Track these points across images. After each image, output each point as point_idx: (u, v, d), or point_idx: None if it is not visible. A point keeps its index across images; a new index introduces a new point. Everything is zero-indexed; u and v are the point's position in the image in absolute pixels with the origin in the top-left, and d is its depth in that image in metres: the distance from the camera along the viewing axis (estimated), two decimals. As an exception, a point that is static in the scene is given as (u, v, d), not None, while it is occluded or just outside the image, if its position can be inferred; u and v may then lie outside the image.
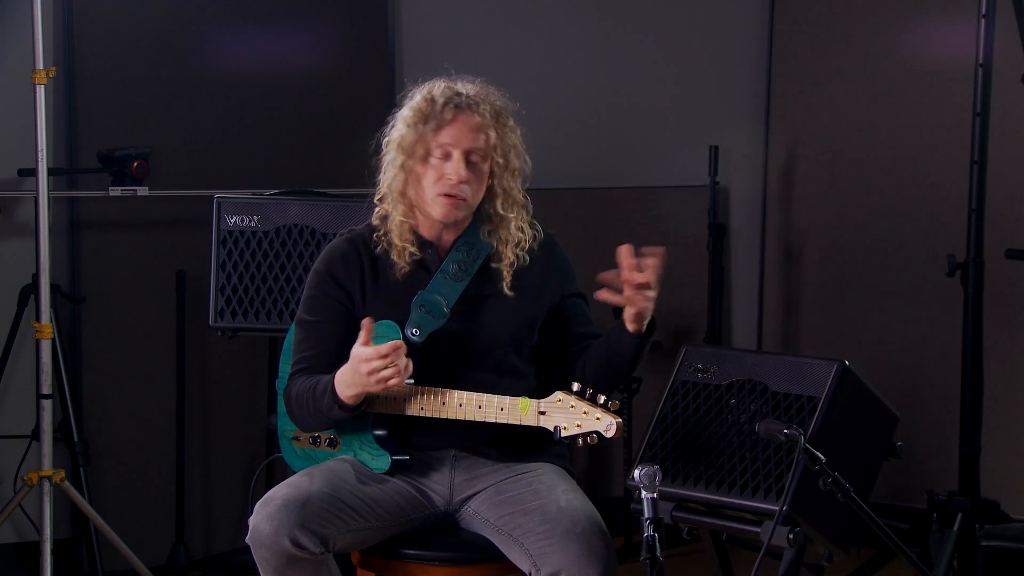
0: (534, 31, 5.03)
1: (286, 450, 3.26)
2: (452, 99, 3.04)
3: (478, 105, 3.04)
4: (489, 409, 2.96)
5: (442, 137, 3.03)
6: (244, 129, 4.67)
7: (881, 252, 4.90)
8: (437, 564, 3.05)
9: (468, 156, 3.03)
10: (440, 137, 3.03)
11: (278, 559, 2.89)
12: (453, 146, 3.03)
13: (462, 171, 3.02)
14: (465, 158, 3.03)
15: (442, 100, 3.04)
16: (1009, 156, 4.43)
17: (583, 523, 2.90)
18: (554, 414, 2.89)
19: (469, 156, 3.03)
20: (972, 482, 3.90)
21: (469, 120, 3.03)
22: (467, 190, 3.04)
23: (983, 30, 3.83)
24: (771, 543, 2.86)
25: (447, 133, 3.03)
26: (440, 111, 3.03)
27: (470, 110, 3.03)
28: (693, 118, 5.10)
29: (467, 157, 3.03)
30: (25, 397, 4.43)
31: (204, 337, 4.61)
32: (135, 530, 4.46)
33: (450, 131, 3.03)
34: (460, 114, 3.03)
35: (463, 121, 3.03)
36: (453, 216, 3.06)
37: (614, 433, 2.83)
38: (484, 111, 3.04)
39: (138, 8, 4.55)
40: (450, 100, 3.04)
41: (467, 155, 3.03)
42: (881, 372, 4.52)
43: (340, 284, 3.11)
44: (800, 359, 3.02)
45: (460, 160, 3.03)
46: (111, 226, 4.57)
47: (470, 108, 3.04)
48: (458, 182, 3.02)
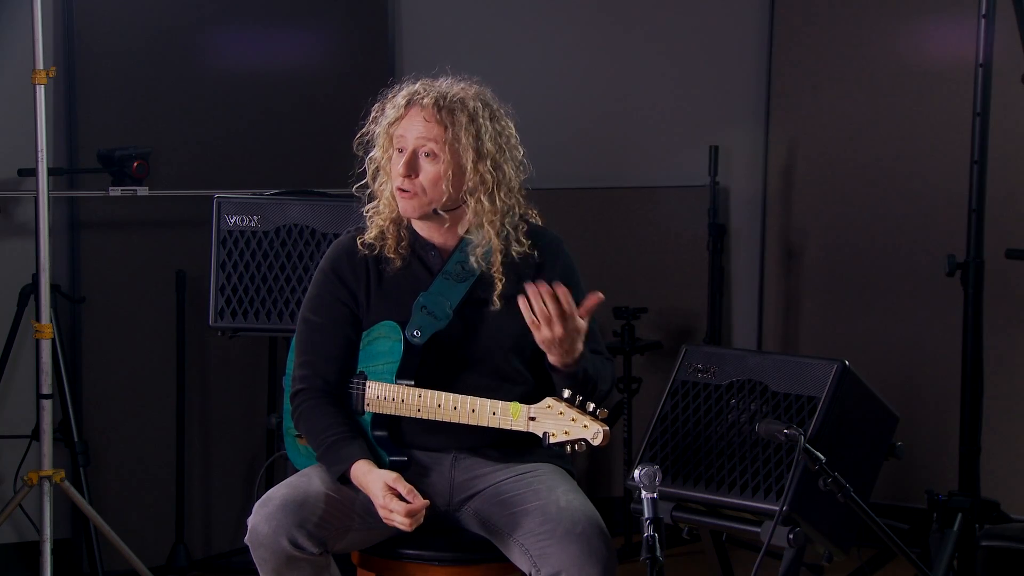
0: (534, 31, 5.03)
1: (290, 447, 3.26)
2: (411, 93, 3.04)
3: (431, 97, 3.01)
4: (482, 413, 2.96)
5: (396, 130, 3.04)
6: (244, 129, 4.67)
7: (881, 252, 4.90)
8: (437, 564, 3.05)
9: (419, 150, 3.03)
10: (395, 130, 3.04)
11: (277, 559, 2.89)
12: (402, 139, 3.03)
13: (405, 165, 3.01)
14: (416, 152, 3.02)
15: (402, 96, 3.05)
16: (1009, 156, 4.42)
17: (583, 523, 2.90)
18: (543, 420, 2.89)
19: (420, 150, 3.02)
20: (972, 482, 3.90)
21: (419, 113, 3.02)
22: (417, 185, 3.02)
23: (983, 30, 3.83)
24: (771, 543, 2.86)
25: (400, 126, 3.04)
26: (397, 106, 3.04)
27: (419, 104, 3.02)
28: (693, 118, 5.10)
29: (419, 151, 3.02)
30: (25, 397, 4.43)
31: (204, 337, 4.61)
32: (135, 530, 4.46)
33: (402, 124, 3.04)
34: (412, 107, 3.03)
35: (414, 114, 3.03)
36: (409, 211, 3.05)
37: (601, 441, 2.82)
38: (438, 104, 3.01)
39: (138, 8, 4.55)
40: (408, 96, 3.04)
41: (418, 149, 3.02)
42: (881, 372, 4.53)
43: (345, 284, 3.11)
44: (800, 359, 3.02)
45: (409, 154, 3.02)
46: (111, 226, 4.57)
47: (420, 102, 3.02)
48: (404, 175, 3.01)
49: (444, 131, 3.01)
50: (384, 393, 3.04)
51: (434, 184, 3.03)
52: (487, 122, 3.04)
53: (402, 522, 2.89)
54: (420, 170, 3.02)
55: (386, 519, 2.92)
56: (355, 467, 2.98)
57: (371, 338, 3.10)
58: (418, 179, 3.02)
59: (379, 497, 2.91)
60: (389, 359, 3.04)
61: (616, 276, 5.01)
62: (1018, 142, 4.53)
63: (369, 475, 2.95)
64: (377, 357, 3.08)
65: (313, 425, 3.07)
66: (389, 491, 2.91)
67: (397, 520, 2.90)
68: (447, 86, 3.06)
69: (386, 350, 3.06)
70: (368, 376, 3.09)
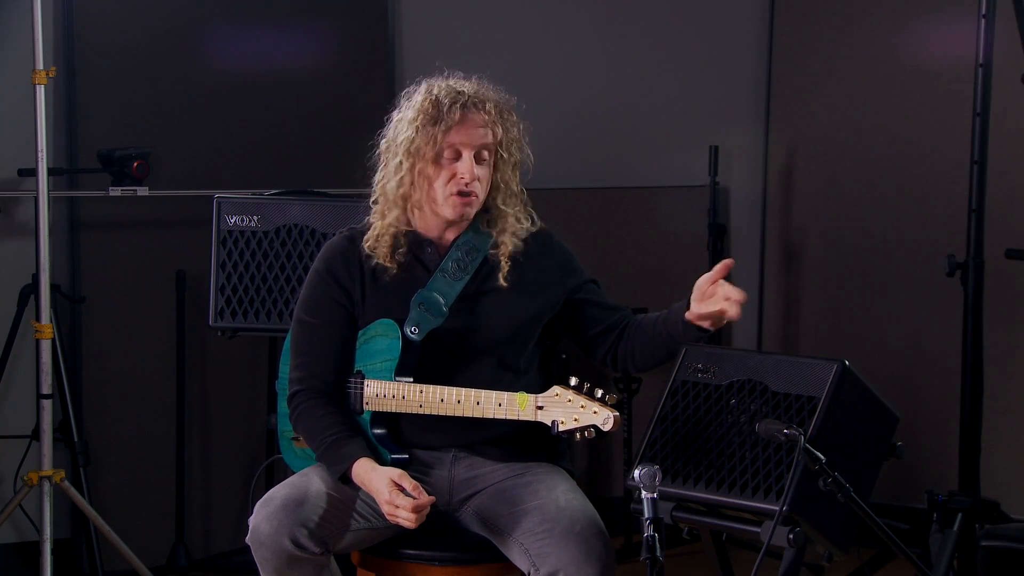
0: (534, 31, 5.03)
1: (286, 450, 3.26)
2: (457, 99, 3.04)
3: (484, 103, 3.05)
4: (487, 405, 2.95)
5: (452, 137, 3.03)
6: (244, 129, 4.67)
7: (881, 252, 4.89)
8: (437, 564, 3.05)
9: (478, 154, 3.05)
10: (450, 137, 3.03)
11: (278, 559, 2.89)
12: (464, 145, 3.04)
13: (475, 169, 3.04)
14: (475, 156, 3.04)
15: (448, 101, 3.04)
16: (1009, 156, 4.42)
17: (582, 523, 2.90)
18: (552, 409, 2.89)
19: (479, 154, 3.05)
20: (972, 482, 3.90)
21: (476, 118, 3.04)
22: (478, 187, 3.06)
23: (983, 30, 3.83)
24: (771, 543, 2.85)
25: (457, 133, 3.03)
26: (447, 111, 3.03)
27: (476, 108, 3.04)
28: (693, 118, 5.10)
29: (476, 155, 3.05)
30: (25, 397, 4.43)
31: (204, 337, 4.61)
32: (135, 530, 4.46)
33: (460, 131, 3.03)
34: (468, 113, 3.04)
35: (471, 120, 3.04)
36: (465, 214, 3.08)
37: (611, 427, 2.83)
38: (490, 108, 3.05)
39: (138, 8, 4.55)
40: (456, 100, 3.04)
41: (477, 153, 3.05)
42: (881, 372, 4.53)
43: (340, 284, 3.11)
44: (800, 359, 3.01)
45: (471, 159, 3.04)
46: (111, 226, 4.57)
47: (476, 107, 3.05)
48: (471, 180, 3.04)
49: (505, 134, 3.07)
50: (383, 390, 3.04)
51: (487, 185, 3.09)
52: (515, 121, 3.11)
53: (407, 518, 2.89)
54: (480, 172, 3.06)
55: (390, 515, 2.91)
56: (357, 465, 2.98)
57: (368, 336, 3.10)
58: (479, 182, 3.06)
59: (384, 493, 2.91)
60: (387, 357, 3.05)
61: (616, 276, 5.00)
62: (1018, 142, 4.53)
63: (372, 472, 2.95)
64: (374, 355, 3.08)
65: (312, 426, 3.07)
66: (395, 487, 2.91)
67: (402, 516, 2.89)
68: (482, 88, 3.09)
69: (384, 348, 3.06)
70: (366, 375, 3.09)
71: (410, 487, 2.91)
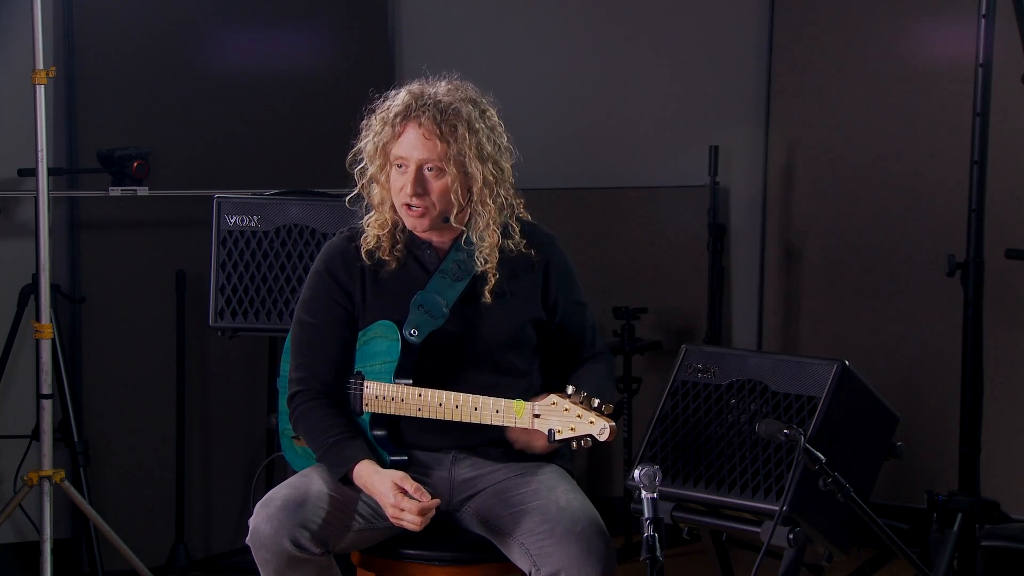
0: (534, 31, 5.03)
1: (287, 449, 3.26)
2: (405, 109, 2.98)
3: (428, 115, 2.96)
4: (485, 411, 2.95)
5: (396, 149, 3.00)
6: (244, 129, 4.66)
7: (881, 252, 4.89)
8: (437, 564, 3.05)
9: (423, 167, 3.00)
10: (395, 149, 3.00)
11: (278, 560, 2.89)
12: (406, 159, 3.00)
13: (412, 184, 2.98)
14: (420, 168, 2.99)
15: (396, 110, 3.00)
16: (1009, 156, 4.42)
17: (583, 523, 2.90)
18: (548, 417, 2.88)
19: (424, 167, 3.00)
20: (972, 482, 3.90)
21: (418, 131, 2.98)
22: (427, 201, 3.00)
23: (983, 30, 3.83)
24: (771, 543, 2.85)
25: (400, 145, 3.00)
26: (392, 120, 2.99)
27: (417, 121, 2.97)
28: (693, 118, 5.10)
29: (422, 168, 3.00)
30: (25, 397, 4.43)
31: (204, 337, 4.61)
32: (135, 530, 4.46)
33: (402, 143, 3.00)
34: (409, 125, 2.99)
35: (412, 133, 2.99)
36: (419, 226, 3.04)
37: (607, 437, 2.83)
38: (425, 122, 2.97)
39: (138, 8, 4.55)
40: (403, 111, 2.98)
41: (421, 166, 3.00)
42: (881, 372, 4.53)
43: (340, 284, 3.11)
44: (800, 359, 3.01)
45: (413, 172, 2.98)
46: (111, 226, 4.57)
47: (418, 119, 2.97)
48: (411, 195, 2.99)
49: (448, 147, 2.98)
50: (383, 392, 3.04)
51: (444, 197, 3.01)
52: (482, 123, 3.02)
53: (412, 521, 2.88)
54: (428, 185, 3.00)
55: (395, 518, 2.91)
56: (359, 467, 2.98)
57: (367, 338, 3.10)
58: (428, 196, 3.00)
59: (388, 496, 2.91)
60: (386, 359, 3.04)
61: (616, 276, 5.01)
62: (1018, 142, 4.53)
63: (375, 475, 2.95)
64: (374, 357, 3.08)
65: (312, 426, 3.07)
66: (399, 491, 2.90)
67: (407, 519, 2.89)
68: (438, 94, 3.01)
69: (383, 350, 3.05)
70: (365, 376, 3.09)
71: (412, 489, 2.90)
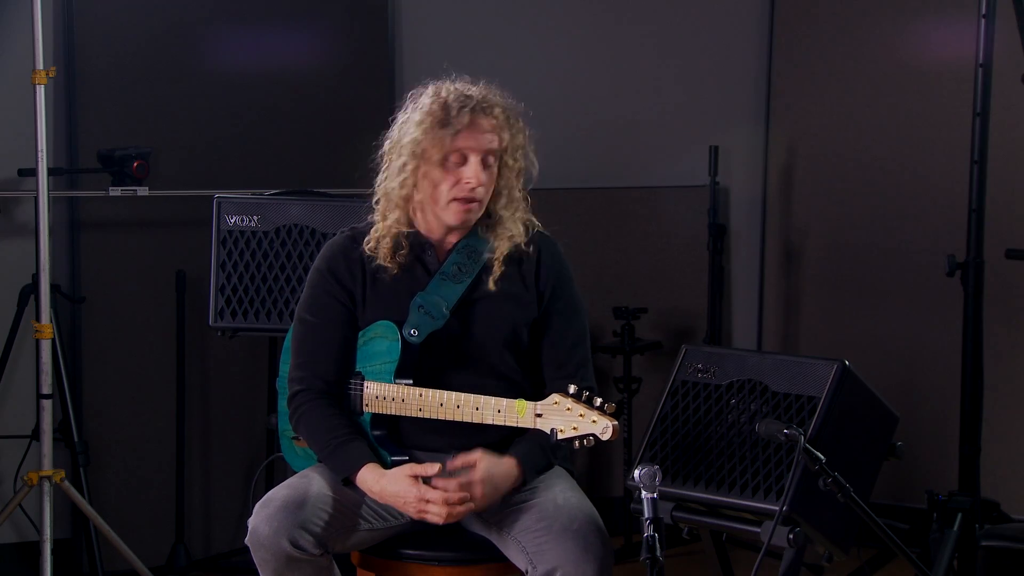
0: (534, 31, 5.03)
1: (286, 449, 3.26)
2: (466, 103, 3.02)
3: (492, 108, 3.03)
4: (486, 411, 2.95)
5: (459, 142, 3.01)
6: (244, 129, 4.67)
7: (881, 252, 4.89)
8: (437, 564, 3.05)
9: (483, 159, 3.03)
10: (458, 142, 3.01)
11: (278, 560, 2.89)
12: (471, 150, 3.02)
13: (481, 175, 3.02)
14: (481, 161, 3.03)
15: (456, 104, 3.02)
16: (1009, 156, 4.42)
17: (580, 520, 2.90)
18: (550, 416, 2.88)
19: (484, 159, 3.03)
20: (972, 482, 3.90)
21: (484, 123, 3.02)
22: (482, 192, 3.04)
23: (983, 30, 3.83)
24: (771, 543, 2.86)
25: (465, 138, 3.01)
26: (456, 115, 3.01)
27: (484, 113, 3.02)
28: (693, 118, 5.10)
29: (482, 160, 3.03)
30: (25, 397, 4.43)
31: (204, 337, 4.61)
32: (135, 530, 4.46)
33: (467, 135, 3.01)
34: (476, 118, 3.02)
35: (479, 125, 3.02)
36: (467, 220, 3.06)
37: (610, 436, 2.82)
38: (497, 113, 3.03)
39: (138, 8, 4.55)
40: (464, 104, 3.02)
41: (482, 158, 3.03)
42: (881, 372, 4.52)
43: (341, 283, 3.11)
44: (800, 359, 3.01)
45: (477, 164, 3.02)
46: (111, 226, 4.57)
47: (484, 111, 3.02)
48: (477, 186, 3.02)
49: (511, 140, 3.05)
50: (384, 393, 3.04)
51: (491, 190, 3.07)
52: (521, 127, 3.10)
53: (439, 513, 2.88)
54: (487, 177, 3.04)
55: (420, 511, 2.91)
56: (362, 472, 2.97)
57: (367, 338, 3.10)
58: (484, 187, 3.04)
59: (410, 492, 2.90)
60: (386, 359, 3.04)
61: (616, 276, 5.01)
62: (1018, 142, 4.53)
63: (383, 479, 2.95)
64: (374, 357, 3.08)
65: (314, 427, 3.06)
66: (417, 481, 2.90)
67: (433, 511, 2.89)
68: (490, 93, 3.06)
69: (383, 350, 3.05)
70: (365, 376, 3.08)
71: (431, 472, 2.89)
